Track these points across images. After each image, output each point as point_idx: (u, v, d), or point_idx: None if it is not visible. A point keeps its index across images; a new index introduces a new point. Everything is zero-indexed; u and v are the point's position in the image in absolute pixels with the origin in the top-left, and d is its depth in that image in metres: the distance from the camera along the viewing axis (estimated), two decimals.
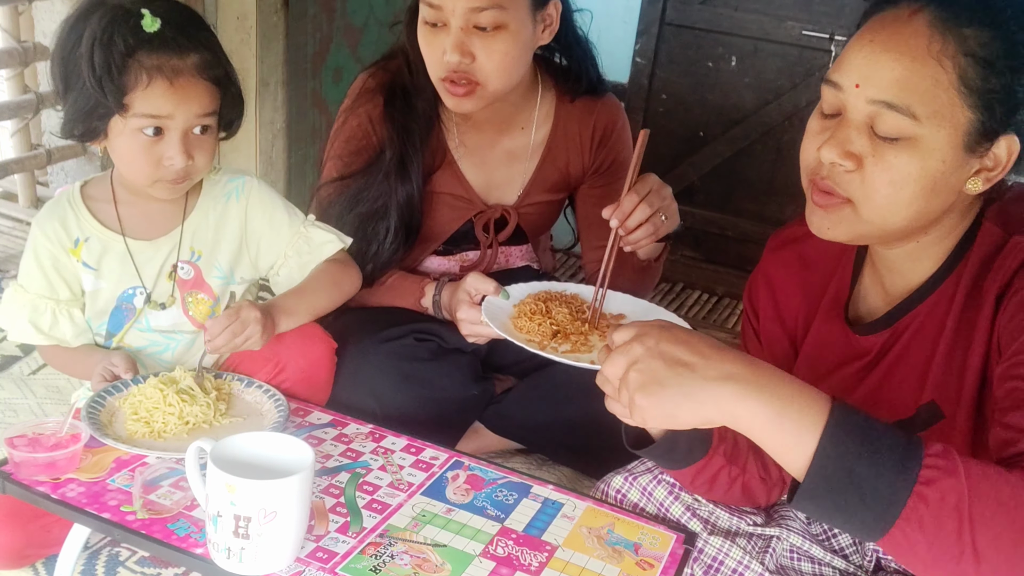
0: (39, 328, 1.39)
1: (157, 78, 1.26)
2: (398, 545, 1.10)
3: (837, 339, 1.14)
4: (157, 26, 1.25)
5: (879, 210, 0.95)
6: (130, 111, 1.27)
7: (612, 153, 1.77)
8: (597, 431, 1.66)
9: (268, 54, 2.95)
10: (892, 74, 0.91)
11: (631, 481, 1.26)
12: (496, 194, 1.76)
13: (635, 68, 3.43)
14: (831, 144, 0.95)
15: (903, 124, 0.91)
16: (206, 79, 1.31)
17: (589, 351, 1.41)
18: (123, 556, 1.42)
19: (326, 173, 1.71)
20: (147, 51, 1.25)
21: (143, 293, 1.41)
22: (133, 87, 1.25)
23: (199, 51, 1.30)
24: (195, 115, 1.30)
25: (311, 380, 1.46)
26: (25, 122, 2.73)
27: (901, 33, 0.92)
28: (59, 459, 1.15)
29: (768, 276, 1.24)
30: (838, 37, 3.15)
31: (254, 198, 1.47)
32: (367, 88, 1.69)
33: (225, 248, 1.46)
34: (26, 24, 2.66)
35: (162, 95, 1.26)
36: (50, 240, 1.38)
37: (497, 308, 1.48)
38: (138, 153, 1.30)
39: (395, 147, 1.62)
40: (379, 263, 1.65)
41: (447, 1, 1.46)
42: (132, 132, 1.29)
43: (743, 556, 1.16)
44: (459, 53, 1.48)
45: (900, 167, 0.92)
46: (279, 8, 2.96)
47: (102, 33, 1.24)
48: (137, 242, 1.41)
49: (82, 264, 1.39)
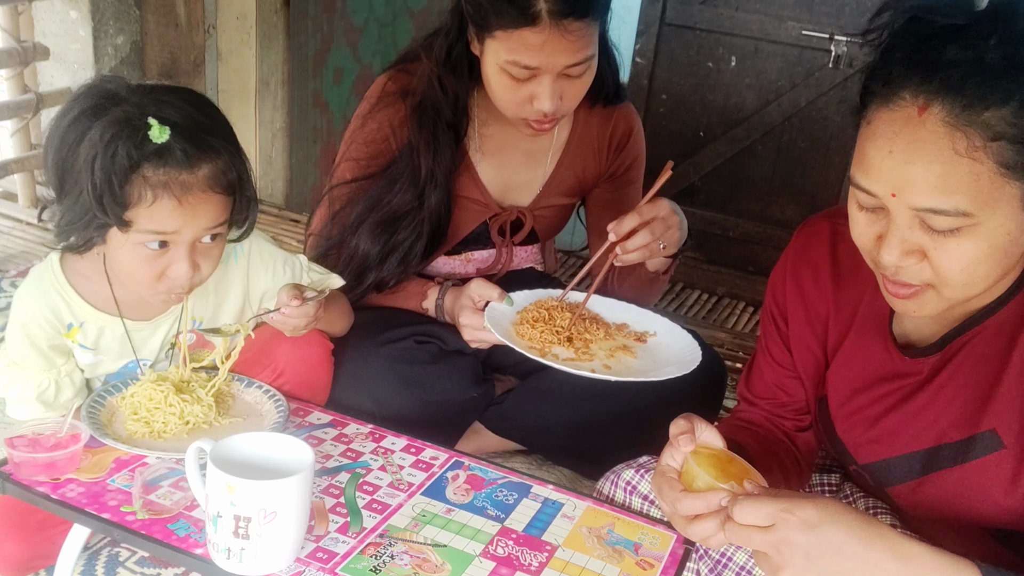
0: (46, 403, 1.31)
1: (163, 196, 1.14)
2: (398, 545, 1.10)
3: (879, 357, 1.10)
4: (167, 136, 1.13)
5: (960, 288, 0.93)
6: (132, 227, 1.16)
7: (627, 159, 1.77)
8: (597, 433, 1.67)
9: (268, 54, 2.95)
10: (927, 183, 0.86)
11: (642, 474, 1.25)
12: (512, 196, 1.76)
13: (635, 68, 3.44)
14: (888, 251, 0.92)
15: (956, 220, 0.88)
16: (218, 191, 1.19)
17: (590, 359, 1.42)
18: (123, 556, 1.41)
19: (340, 174, 1.69)
20: (153, 166, 1.13)
21: (145, 364, 1.38)
22: (136, 203, 1.14)
23: (211, 161, 1.18)
24: (204, 228, 1.20)
25: (310, 383, 1.46)
26: (25, 122, 2.73)
27: (920, 139, 0.86)
28: (59, 459, 1.15)
29: (798, 278, 1.19)
30: (838, 37, 3.16)
31: (255, 257, 1.41)
32: (387, 92, 1.67)
33: (228, 311, 1.41)
34: (26, 24, 2.66)
35: (168, 214, 1.15)
36: (41, 326, 1.28)
37: (500, 314, 1.49)
38: (139, 266, 1.20)
39: (426, 158, 1.60)
40: (399, 270, 1.64)
41: (547, 62, 1.44)
42: (134, 246, 1.18)
43: None
44: (555, 102, 1.49)
45: (966, 253, 0.89)
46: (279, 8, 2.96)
47: (105, 146, 1.12)
48: (136, 323, 1.33)
49: (78, 345, 1.32)
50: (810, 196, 3.38)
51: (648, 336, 1.52)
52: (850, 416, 1.12)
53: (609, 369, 1.40)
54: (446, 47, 1.58)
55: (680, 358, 1.42)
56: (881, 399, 1.09)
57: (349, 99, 3.50)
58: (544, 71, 1.46)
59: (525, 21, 1.41)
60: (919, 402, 1.06)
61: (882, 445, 1.09)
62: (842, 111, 3.25)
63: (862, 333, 1.13)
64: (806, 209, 3.37)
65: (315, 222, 1.71)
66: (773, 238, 3.43)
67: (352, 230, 1.62)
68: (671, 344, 1.49)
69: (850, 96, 3.06)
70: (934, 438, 1.04)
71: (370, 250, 1.60)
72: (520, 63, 1.45)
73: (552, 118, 1.53)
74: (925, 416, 1.05)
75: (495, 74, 1.51)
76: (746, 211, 3.48)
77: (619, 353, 1.45)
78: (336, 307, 1.49)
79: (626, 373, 1.39)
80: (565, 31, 1.42)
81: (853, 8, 3.15)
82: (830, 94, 3.26)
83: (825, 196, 3.34)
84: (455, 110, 1.61)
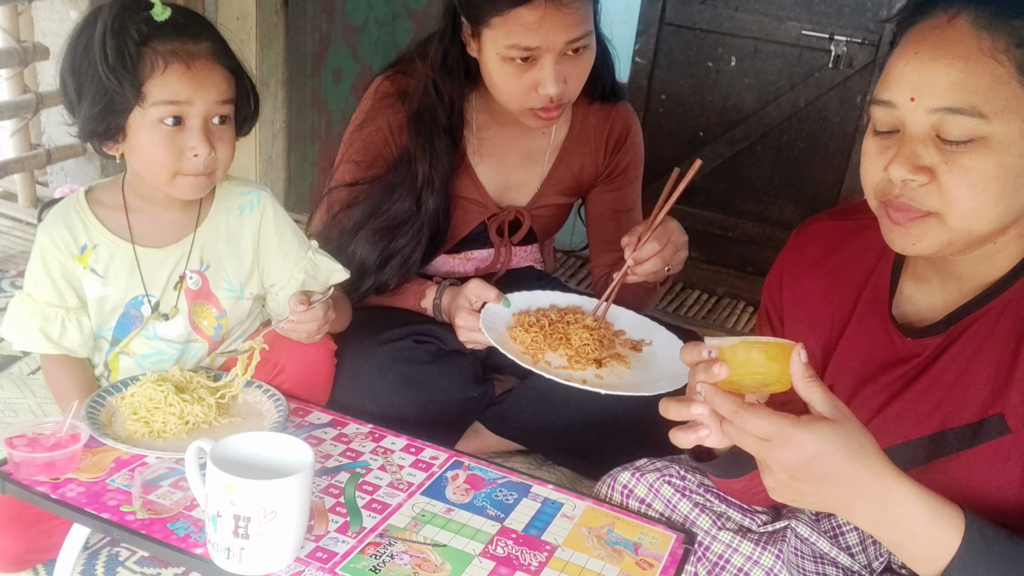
0: (49, 337, 1.36)
1: (173, 63, 1.24)
2: (398, 545, 1.10)
3: (879, 342, 1.09)
4: (168, 14, 1.25)
5: (965, 215, 0.91)
6: (148, 100, 1.25)
7: (625, 159, 1.78)
8: (597, 433, 1.67)
9: (268, 54, 2.95)
10: (948, 79, 0.88)
11: (638, 477, 1.25)
12: (510, 196, 1.76)
13: (635, 68, 3.43)
14: (899, 162, 0.92)
15: (972, 125, 0.88)
16: (222, 64, 1.30)
17: (583, 368, 1.42)
18: (123, 556, 1.41)
19: (339, 176, 1.69)
20: (160, 38, 1.24)
21: (150, 301, 1.40)
22: (149, 74, 1.24)
23: (211, 38, 1.30)
24: (214, 101, 1.28)
25: (310, 382, 1.46)
26: (25, 122, 2.73)
27: (946, 38, 0.89)
28: (59, 459, 1.15)
29: (795, 276, 1.19)
30: (838, 37, 3.15)
31: (268, 216, 1.45)
32: (385, 93, 1.67)
33: (235, 262, 1.44)
34: (26, 24, 2.66)
35: (179, 79, 1.25)
36: (57, 247, 1.35)
37: (496, 316, 1.49)
38: (159, 146, 1.27)
39: (423, 165, 1.60)
40: (400, 274, 1.64)
41: (547, 40, 1.45)
42: (152, 124, 1.26)
43: (754, 549, 1.15)
44: (561, 84, 1.49)
45: (977, 169, 0.89)
46: (279, 8, 2.96)
47: (113, 23, 1.23)
48: (146, 250, 1.39)
49: (89, 271, 1.37)
50: (809, 196, 3.37)
51: (643, 345, 1.52)
52: (858, 407, 1.10)
53: (601, 379, 1.40)
54: (441, 51, 1.59)
55: (674, 371, 1.42)
56: (885, 388, 1.08)
57: (348, 99, 3.49)
58: (545, 50, 1.46)
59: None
60: (921, 386, 1.04)
61: (884, 434, 1.07)
62: (842, 111, 3.26)
63: (863, 323, 1.11)
64: (805, 209, 3.37)
65: (315, 223, 1.71)
66: (772, 238, 3.43)
67: (350, 236, 1.62)
68: (666, 355, 1.49)
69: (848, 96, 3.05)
70: (937, 423, 1.02)
71: (368, 257, 1.60)
72: (520, 45, 1.45)
73: (559, 104, 1.52)
74: (928, 400, 1.03)
75: (496, 65, 1.51)
76: (745, 211, 3.47)
77: (611, 362, 1.45)
78: (338, 305, 1.49)
79: (617, 384, 1.39)
80: (560, 5, 1.43)
81: (853, 8, 3.15)
82: (830, 94, 3.25)
83: (825, 196, 3.34)
84: (451, 115, 1.61)
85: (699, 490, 1.24)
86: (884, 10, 3.10)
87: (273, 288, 1.48)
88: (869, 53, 3.14)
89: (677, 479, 1.24)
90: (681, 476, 1.24)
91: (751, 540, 1.16)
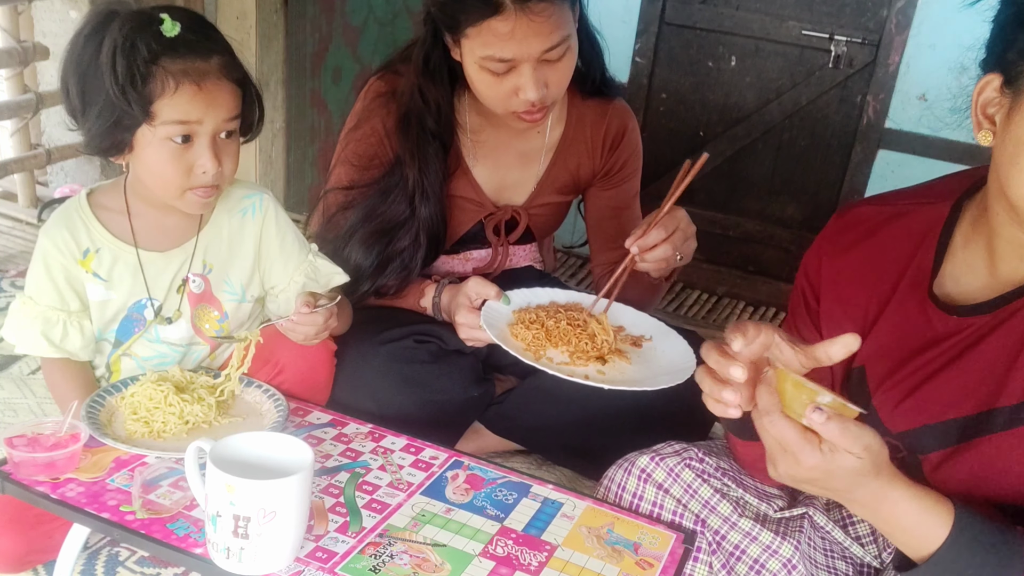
0: (51, 340, 1.35)
1: (184, 83, 1.22)
2: (398, 545, 1.10)
3: (917, 320, 1.08)
4: (178, 30, 1.22)
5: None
6: (157, 119, 1.23)
7: (622, 156, 1.77)
8: (597, 433, 1.67)
9: (268, 54, 2.95)
10: None
11: (657, 462, 1.24)
12: (507, 195, 1.76)
13: (635, 68, 3.44)
14: None
15: None
16: (230, 80, 1.28)
17: (585, 364, 1.42)
18: (123, 556, 1.41)
19: (335, 178, 1.69)
20: (171, 56, 1.22)
21: (153, 305, 1.40)
22: (160, 94, 1.22)
23: (221, 53, 1.28)
24: (223, 119, 1.27)
25: (310, 382, 1.46)
26: (25, 122, 2.73)
27: None
28: (58, 459, 1.15)
29: (833, 256, 1.18)
30: (838, 37, 3.16)
31: (270, 219, 1.45)
32: (379, 93, 1.67)
33: (238, 265, 1.44)
34: (26, 24, 2.66)
35: (190, 100, 1.23)
36: (60, 250, 1.34)
37: (497, 314, 1.49)
38: (167, 163, 1.26)
39: (412, 170, 1.60)
40: (400, 278, 1.64)
41: (521, 51, 1.44)
42: (160, 141, 1.25)
43: (773, 539, 1.15)
44: (540, 89, 1.48)
45: None
46: (279, 8, 2.96)
47: (123, 41, 1.20)
48: (149, 253, 1.38)
49: (92, 275, 1.36)
50: (810, 195, 3.37)
51: (644, 341, 1.52)
52: (892, 387, 1.10)
53: (603, 375, 1.40)
54: (423, 56, 1.58)
55: (675, 366, 1.42)
56: (921, 367, 1.07)
57: (348, 99, 3.48)
58: (521, 60, 1.46)
59: (490, 11, 1.42)
60: (963, 365, 1.03)
61: (917, 413, 1.07)
62: (843, 110, 3.26)
63: (902, 303, 1.11)
64: (806, 208, 3.37)
65: (312, 224, 1.71)
66: (773, 237, 3.43)
67: (344, 240, 1.62)
68: (667, 350, 1.49)
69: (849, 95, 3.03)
70: (980, 403, 1.01)
71: (362, 261, 1.60)
72: (495, 56, 1.45)
73: (542, 106, 1.52)
74: (969, 379, 1.03)
75: (476, 73, 1.51)
76: (746, 210, 3.47)
77: (612, 358, 1.45)
78: (340, 309, 1.49)
79: (619, 380, 1.39)
80: (532, 14, 1.41)
81: (853, 8, 3.15)
82: (830, 93, 3.26)
83: (826, 195, 3.34)
84: (438, 120, 1.61)
85: (716, 474, 1.23)
86: (884, 10, 3.10)
87: (273, 290, 1.48)
88: (869, 53, 3.14)
89: (696, 462, 1.22)
90: (700, 459, 1.23)
91: (770, 529, 1.16)
